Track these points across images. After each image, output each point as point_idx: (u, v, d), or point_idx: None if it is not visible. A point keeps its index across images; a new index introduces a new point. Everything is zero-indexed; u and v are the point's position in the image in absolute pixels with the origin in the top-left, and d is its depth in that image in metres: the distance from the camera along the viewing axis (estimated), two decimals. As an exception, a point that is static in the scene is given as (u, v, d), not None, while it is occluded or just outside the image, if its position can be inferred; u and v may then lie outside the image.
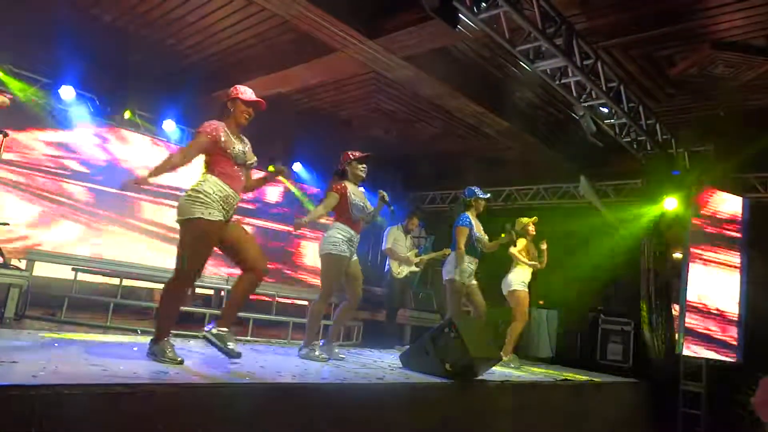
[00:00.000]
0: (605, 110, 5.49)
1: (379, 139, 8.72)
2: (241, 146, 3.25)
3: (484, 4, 4.02)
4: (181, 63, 6.89)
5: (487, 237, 5.26)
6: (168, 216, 7.46)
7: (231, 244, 3.23)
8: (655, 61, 5.70)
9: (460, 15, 3.97)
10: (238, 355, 3.17)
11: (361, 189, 4.34)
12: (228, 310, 3.33)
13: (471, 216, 5.18)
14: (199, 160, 3.22)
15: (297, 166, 9.16)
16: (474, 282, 5.20)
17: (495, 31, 4.26)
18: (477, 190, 5.31)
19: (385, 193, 4.20)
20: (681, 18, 4.93)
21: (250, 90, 3.36)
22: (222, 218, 3.11)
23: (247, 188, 3.46)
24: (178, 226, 3.13)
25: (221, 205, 3.12)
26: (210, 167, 3.18)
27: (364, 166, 4.30)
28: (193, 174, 3.28)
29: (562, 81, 4.96)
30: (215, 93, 7.22)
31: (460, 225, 5.12)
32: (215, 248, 3.20)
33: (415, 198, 10.44)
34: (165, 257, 7.41)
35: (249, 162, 3.30)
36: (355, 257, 4.23)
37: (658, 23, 5.03)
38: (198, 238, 3.06)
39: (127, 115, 7.39)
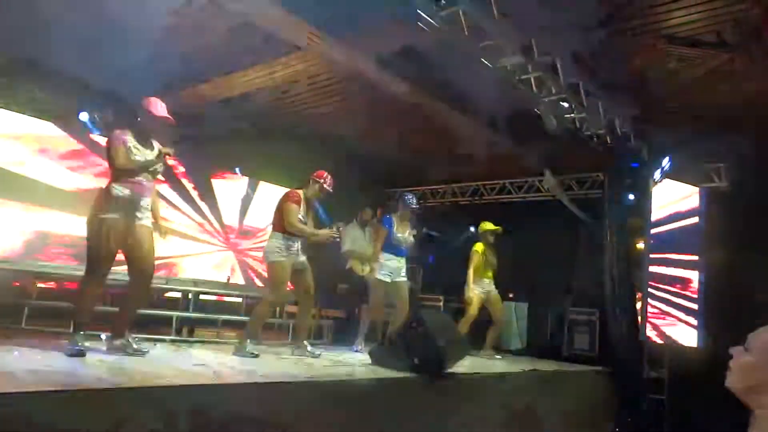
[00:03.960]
0: (565, 105, 5.61)
1: (346, 138, 8.71)
2: (141, 155, 3.43)
3: (443, 2, 4.07)
4: (142, 64, 6.76)
5: (411, 238, 5.56)
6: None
7: (129, 248, 3.44)
8: (612, 57, 5.84)
9: (420, 13, 4.01)
10: (145, 352, 3.43)
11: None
12: (121, 318, 3.53)
13: (395, 218, 5.45)
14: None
15: (264, 166, 9.11)
16: (399, 279, 5.33)
17: (455, 29, 4.32)
18: (407, 197, 5.62)
19: (341, 227, 4.37)
20: (635, 14, 5.07)
21: (162, 104, 3.54)
22: (122, 216, 3.35)
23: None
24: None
25: (122, 204, 3.35)
26: (115, 174, 3.42)
27: (322, 194, 4.52)
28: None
29: (522, 77, 5.05)
30: (178, 92, 7.13)
31: (380, 226, 5.49)
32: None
33: (384, 196, 10.48)
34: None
35: (151, 168, 3.48)
36: (301, 259, 4.38)
37: (613, 19, 5.16)
38: (95, 236, 3.30)
39: (85, 119, 7.18)
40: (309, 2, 5.03)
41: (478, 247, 6.15)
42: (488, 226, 6.29)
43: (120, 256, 3.50)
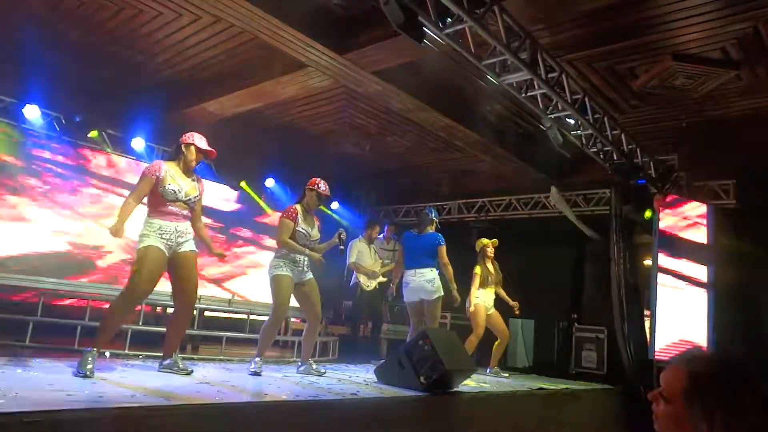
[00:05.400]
0: (571, 121, 5.60)
1: (351, 153, 8.74)
2: (175, 185, 3.62)
3: (449, 20, 4.08)
4: (151, 79, 6.83)
5: None
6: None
7: (173, 277, 3.66)
8: (618, 74, 5.86)
9: (426, 30, 4.02)
10: (191, 372, 3.59)
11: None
12: (169, 340, 3.74)
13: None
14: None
15: (270, 182, 9.12)
16: None
17: (461, 45, 4.33)
18: (435, 213, 5.65)
19: (343, 232, 4.35)
20: (641, 31, 5.08)
21: (203, 139, 3.83)
22: (160, 246, 3.53)
23: (198, 235, 3.83)
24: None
25: (159, 235, 3.54)
26: (149, 207, 3.65)
27: (320, 201, 4.51)
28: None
29: (528, 93, 5.05)
30: (186, 110, 7.18)
31: (444, 244, 5.31)
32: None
33: (389, 212, 10.47)
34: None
35: (185, 199, 3.67)
36: (307, 277, 4.34)
37: (619, 37, 5.17)
38: (137, 264, 3.50)
39: (93, 134, 7.24)
40: (316, 19, 5.09)
41: (477, 269, 6.16)
42: (484, 241, 6.29)
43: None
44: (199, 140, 3.80)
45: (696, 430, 1.21)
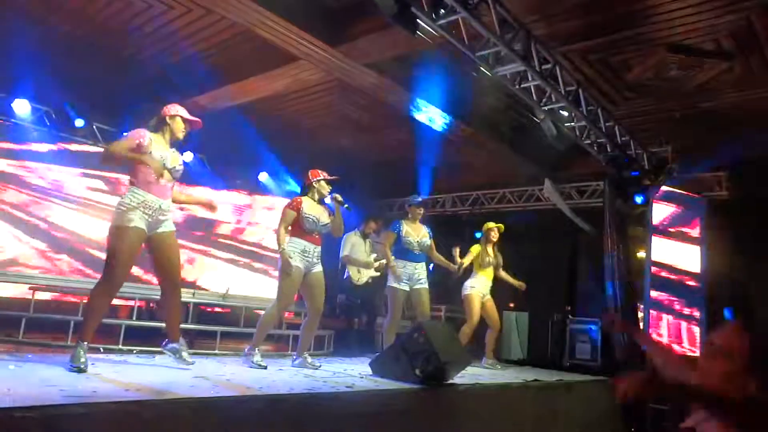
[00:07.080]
0: (565, 114, 5.59)
1: (345, 146, 8.71)
2: (161, 153, 3.41)
3: (442, 11, 4.06)
4: (141, 73, 6.77)
5: (429, 242, 5.36)
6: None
7: (154, 257, 3.46)
8: (612, 65, 5.85)
9: (419, 21, 4.00)
10: (191, 363, 3.50)
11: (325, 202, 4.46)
12: (170, 324, 3.61)
13: (403, 222, 5.35)
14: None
15: (263, 176, 9.09)
16: (418, 287, 5.26)
17: (454, 37, 4.31)
18: (412, 198, 5.53)
19: (338, 195, 4.34)
20: (635, 23, 5.08)
21: (184, 109, 3.69)
22: (140, 225, 3.30)
23: (176, 201, 3.67)
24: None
25: (141, 211, 3.31)
26: (132, 176, 3.40)
27: (330, 186, 4.45)
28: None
29: (522, 85, 5.04)
30: (177, 103, 7.12)
31: (389, 230, 5.36)
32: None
33: (383, 205, 10.45)
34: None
35: (170, 167, 3.46)
36: (316, 269, 4.31)
37: (613, 28, 5.17)
38: (116, 244, 3.26)
39: (81, 124, 7.17)
40: (308, 11, 5.05)
41: (474, 249, 6.09)
42: (490, 224, 6.23)
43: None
44: (183, 110, 3.63)
45: (742, 386, 1.27)
